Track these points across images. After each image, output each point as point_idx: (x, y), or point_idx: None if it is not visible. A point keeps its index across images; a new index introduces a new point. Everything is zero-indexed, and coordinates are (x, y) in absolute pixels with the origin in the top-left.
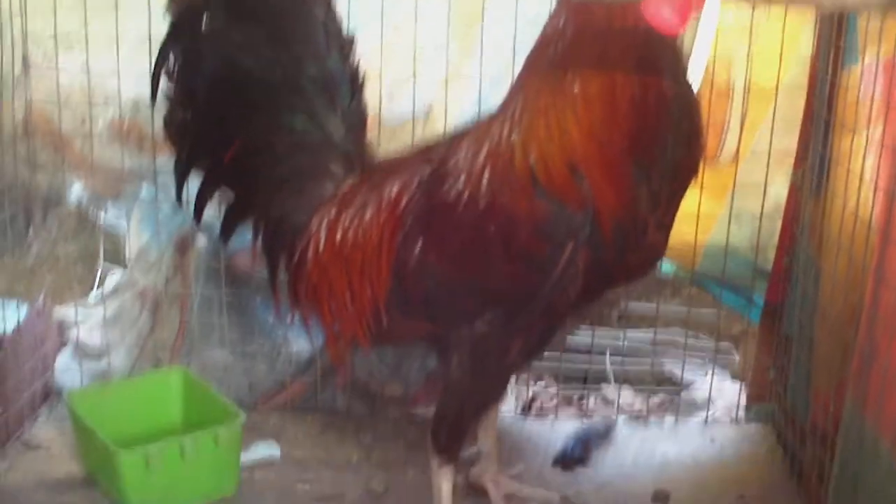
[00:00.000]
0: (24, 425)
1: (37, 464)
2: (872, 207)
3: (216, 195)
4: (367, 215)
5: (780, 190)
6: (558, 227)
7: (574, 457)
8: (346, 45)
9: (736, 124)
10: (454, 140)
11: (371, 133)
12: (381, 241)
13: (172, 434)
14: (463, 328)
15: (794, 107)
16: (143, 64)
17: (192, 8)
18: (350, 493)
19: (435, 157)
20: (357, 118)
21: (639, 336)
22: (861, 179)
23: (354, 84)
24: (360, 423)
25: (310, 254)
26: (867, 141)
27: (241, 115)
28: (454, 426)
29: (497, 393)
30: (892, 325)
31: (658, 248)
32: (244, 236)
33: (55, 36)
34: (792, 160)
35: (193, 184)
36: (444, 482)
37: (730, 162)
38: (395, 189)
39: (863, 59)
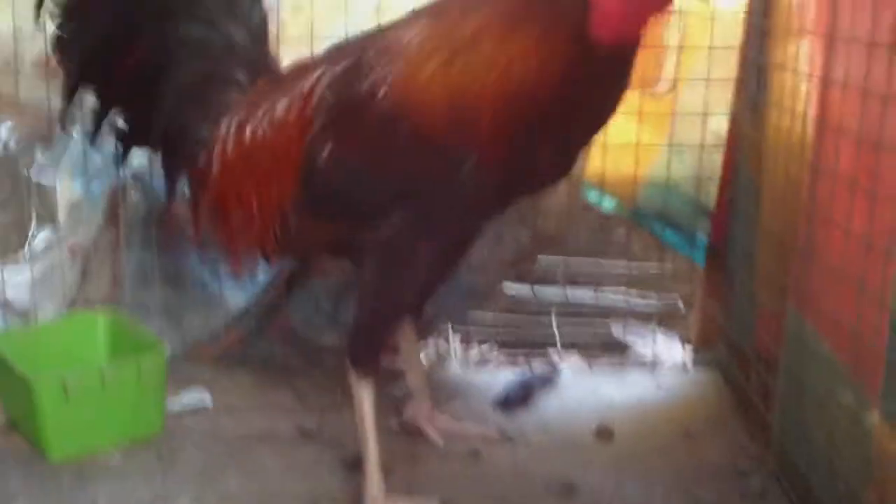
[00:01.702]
0: None
1: None
2: (808, 99)
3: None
4: (276, 116)
5: (720, 122)
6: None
7: (515, 399)
8: None
9: (673, 50)
10: (366, 40)
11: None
12: (291, 140)
13: None
14: (371, 229)
15: (733, 32)
16: None
17: None
18: (281, 433)
19: (344, 57)
20: (259, 26)
21: (583, 296)
22: (796, 76)
23: None
24: (294, 372)
25: (214, 162)
26: (799, 40)
27: (136, 26)
28: (368, 335)
29: (408, 301)
30: (828, 215)
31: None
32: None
33: None
34: (731, 89)
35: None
36: (365, 396)
37: (669, 90)
38: (304, 87)
39: None
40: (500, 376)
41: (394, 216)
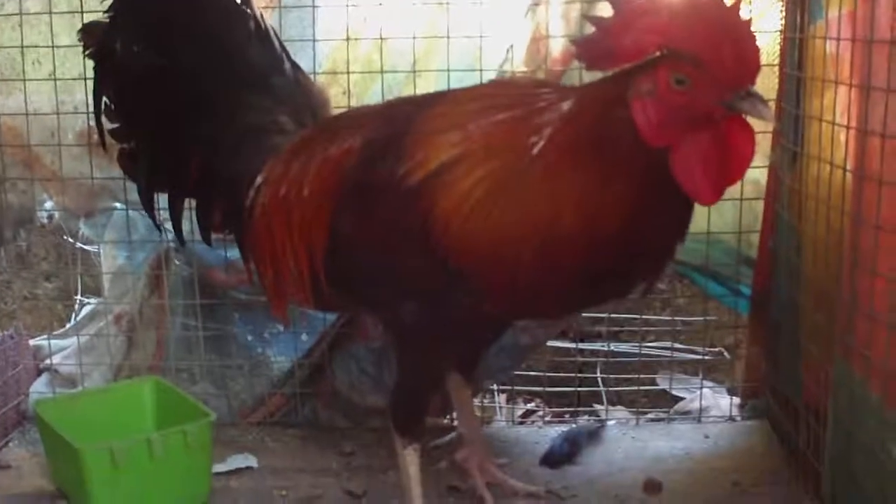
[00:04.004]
0: None
1: (5, 481)
2: (846, 149)
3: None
4: (309, 176)
5: (759, 173)
6: None
7: (561, 454)
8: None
9: None
10: (416, 105)
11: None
12: (321, 207)
13: None
14: (385, 311)
15: (768, 85)
16: None
17: (104, 38)
18: (328, 496)
19: (393, 118)
20: (297, 73)
21: (628, 349)
22: (834, 127)
23: (272, 43)
24: (341, 434)
25: (257, 206)
26: (836, 91)
27: (187, 122)
28: (407, 401)
29: (433, 375)
30: (872, 264)
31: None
32: (219, 252)
33: (21, 47)
34: (769, 140)
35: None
36: (410, 460)
37: None
38: (337, 150)
39: (826, 13)
40: (547, 433)
41: (405, 305)
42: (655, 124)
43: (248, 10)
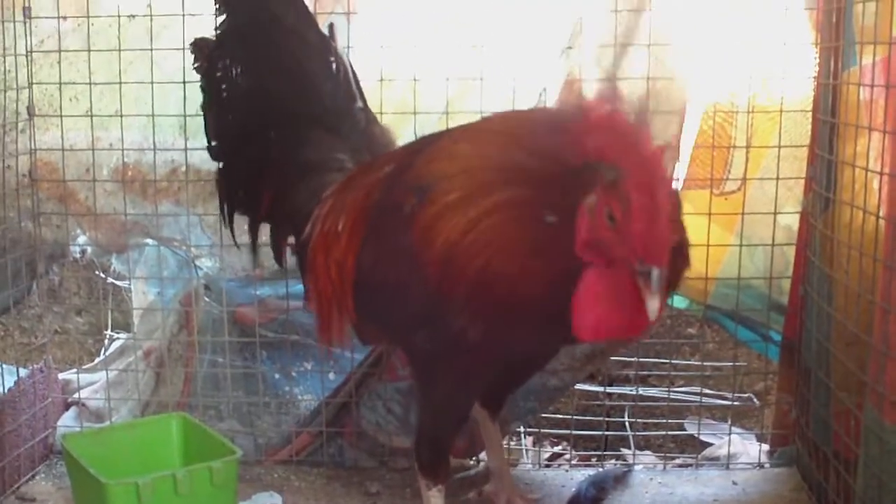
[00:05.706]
0: (20, 480)
1: None
2: (880, 196)
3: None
4: (345, 209)
5: (791, 218)
6: None
7: (588, 498)
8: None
9: (741, 149)
10: (430, 139)
11: None
12: (350, 237)
13: None
14: (404, 342)
15: (801, 131)
16: (145, 108)
17: (210, 56)
18: None
19: (412, 151)
20: (367, 113)
21: (656, 394)
22: (867, 173)
23: (352, 82)
24: (366, 474)
25: (310, 242)
26: (870, 137)
27: (258, 148)
28: (428, 441)
29: (455, 413)
30: None
31: None
32: (248, 290)
33: (60, 83)
34: (802, 186)
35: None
36: (435, 502)
37: (737, 188)
38: (369, 182)
39: (860, 59)
40: (573, 476)
41: (419, 334)
42: (582, 240)
43: (332, 44)
